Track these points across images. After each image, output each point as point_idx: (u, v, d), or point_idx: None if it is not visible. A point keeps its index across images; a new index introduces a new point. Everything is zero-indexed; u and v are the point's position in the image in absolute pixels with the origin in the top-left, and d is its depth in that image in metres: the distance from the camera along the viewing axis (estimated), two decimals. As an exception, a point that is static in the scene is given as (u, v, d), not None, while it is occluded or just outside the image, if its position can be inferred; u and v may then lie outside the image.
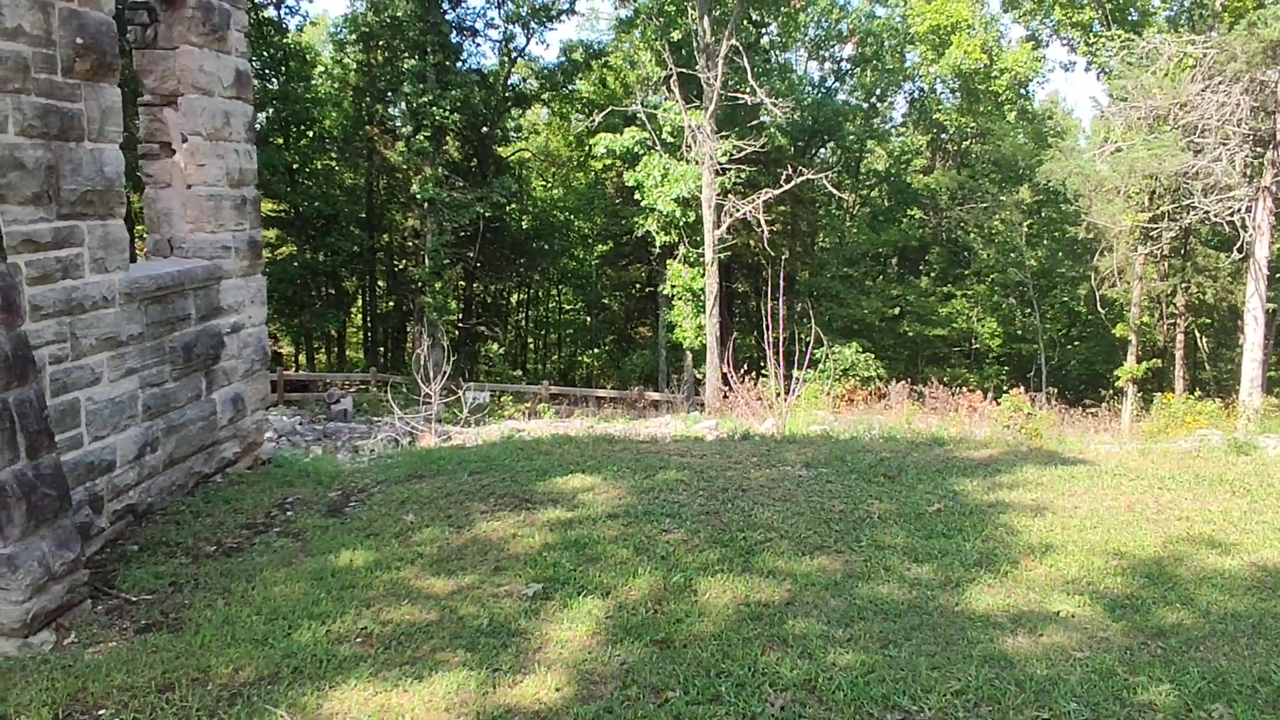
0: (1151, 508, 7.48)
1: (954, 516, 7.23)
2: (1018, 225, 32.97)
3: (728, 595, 5.91)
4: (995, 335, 36.23)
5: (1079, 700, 4.62)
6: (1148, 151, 24.14)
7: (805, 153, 38.29)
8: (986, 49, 33.71)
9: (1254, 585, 6.04)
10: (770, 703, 4.64)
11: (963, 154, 37.79)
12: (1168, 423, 24.34)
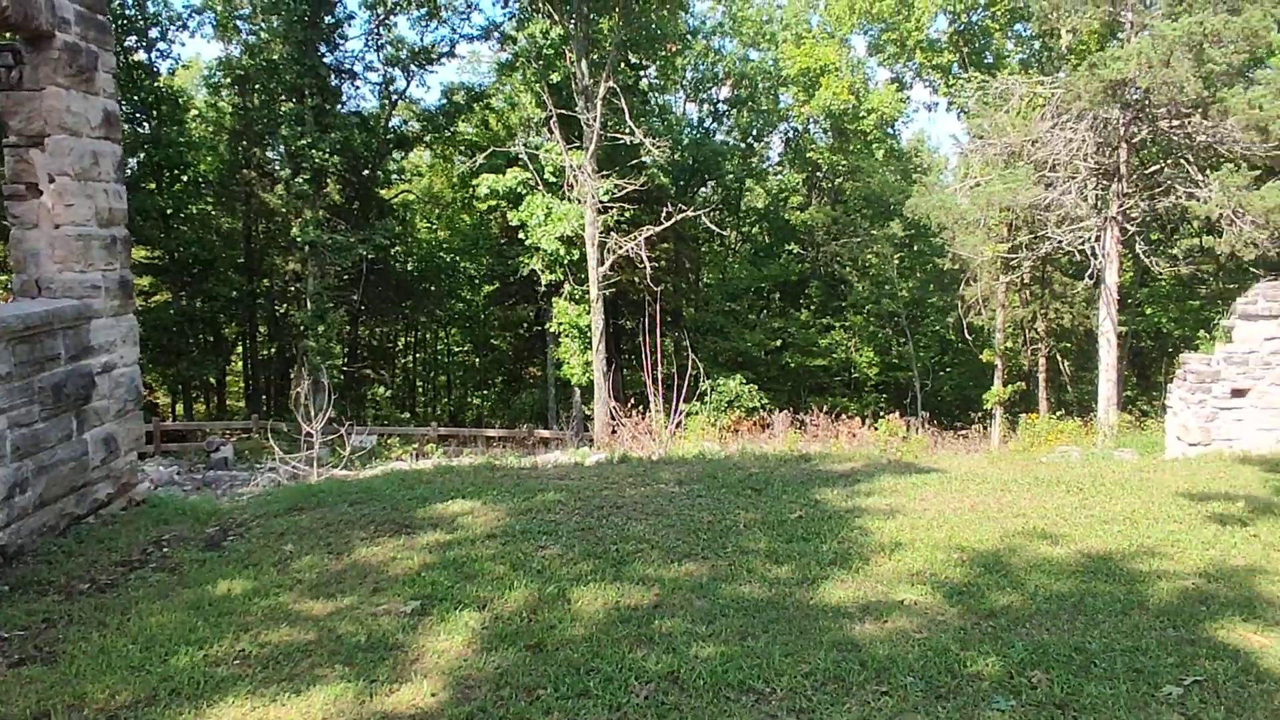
0: (993, 507, 8.07)
1: (814, 522, 7.69)
2: (890, 258, 34.36)
3: (599, 602, 6.21)
4: (873, 364, 37.53)
5: (915, 675, 5.05)
6: (1004, 186, 25.52)
7: (686, 191, 39.25)
8: (854, 90, 35.22)
9: (1078, 570, 6.61)
10: (636, 693, 4.94)
11: (836, 191, 39.24)
12: (1032, 441, 25.67)
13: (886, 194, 33.19)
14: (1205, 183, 24.20)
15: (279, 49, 29.82)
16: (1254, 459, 11.33)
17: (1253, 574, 6.51)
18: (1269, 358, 19.25)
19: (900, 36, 34.71)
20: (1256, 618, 5.76)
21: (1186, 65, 23.08)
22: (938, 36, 35.58)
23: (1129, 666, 5.12)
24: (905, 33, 34.11)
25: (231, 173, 35.59)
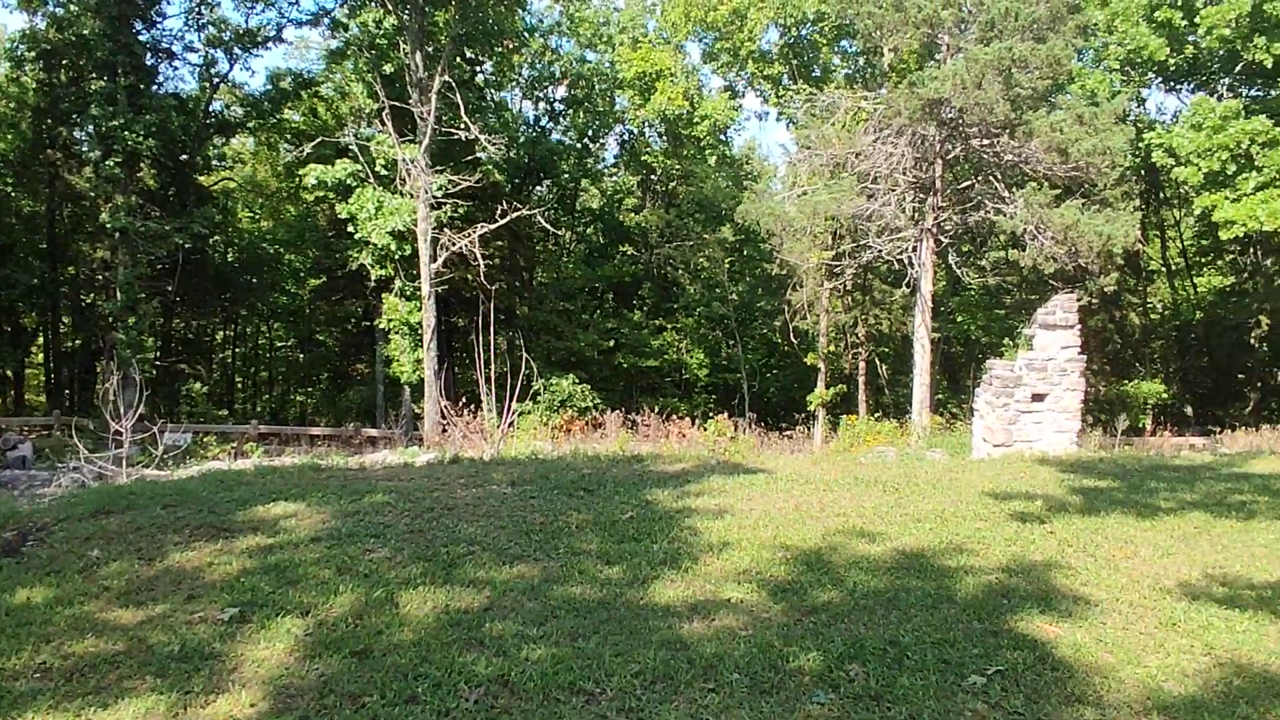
0: (816, 507, 8.38)
1: (645, 522, 7.79)
2: (721, 262, 35.13)
3: (429, 605, 6.12)
4: (703, 365, 38.30)
5: (741, 671, 5.19)
6: (828, 195, 26.49)
7: (522, 189, 39.07)
8: (688, 96, 35.84)
9: (894, 566, 6.94)
10: (465, 698, 4.89)
11: (670, 194, 39.83)
12: (852, 442, 26.72)
13: (718, 199, 33.92)
14: (1011, 199, 25.75)
15: (90, 23, 28.01)
16: (1051, 460, 12.13)
17: (1050, 569, 6.97)
18: (1065, 365, 20.67)
19: (733, 46, 35.52)
20: (1052, 610, 6.18)
21: (996, 88, 24.51)
22: (769, 48, 36.59)
23: (938, 658, 5.40)
24: (738, 43, 34.94)
25: (34, 153, 33.23)
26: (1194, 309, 37.45)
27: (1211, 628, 5.98)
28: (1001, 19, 25.91)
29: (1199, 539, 7.74)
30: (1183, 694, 5.08)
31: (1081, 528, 7.95)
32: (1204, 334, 37.30)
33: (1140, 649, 5.64)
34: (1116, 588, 6.62)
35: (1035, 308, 21.11)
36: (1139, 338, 36.33)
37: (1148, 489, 9.53)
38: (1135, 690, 5.10)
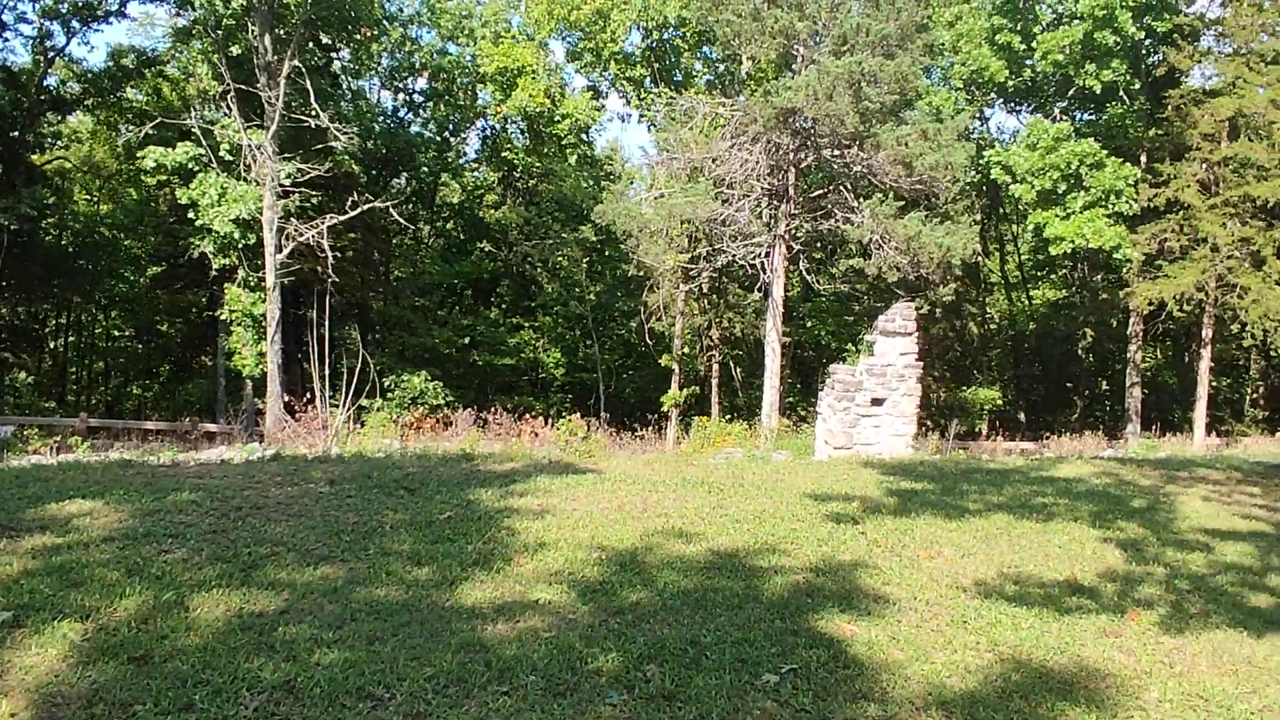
0: (639, 507, 8.41)
1: (463, 522, 7.67)
2: (579, 262, 35.10)
3: (221, 609, 5.86)
4: (560, 365, 38.19)
5: (538, 673, 5.13)
6: (685, 199, 26.76)
7: (379, 181, 38.21)
8: (550, 94, 35.66)
9: (706, 566, 7.01)
10: (245, 705, 4.69)
11: (531, 192, 39.58)
12: (703, 442, 27.05)
13: (578, 198, 33.86)
14: (859, 209, 26.54)
15: (-95, -15, 26.12)
16: (876, 462, 12.48)
17: (856, 568, 7.16)
18: (904, 370, 21.37)
19: (596, 46, 35.54)
20: (853, 609, 6.34)
21: (846, 100, 25.19)
22: (632, 50, 36.74)
23: (736, 657, 5.46)
24: (601, 43, 34.97)
25: None
26: (1028, 320, 39.35)
27: (999, 625, 6.23)
28: (853, 34, 26.64)
29: (999, 539, 8.07)
30: (963, 689, 5.26)
31: (892, 528, 8.19)
32: (1037, 344, 39.23)
33: (930, 646, 5.83)
34: (916, 587, 6.84)
35: (880, 315, 21.79)
36: (977, 346, 37.97)
37: (960, 491, 9.91)
38: (919, 686, 5.26)
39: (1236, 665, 5.85)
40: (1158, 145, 30.45)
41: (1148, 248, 29.14)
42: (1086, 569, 7.45)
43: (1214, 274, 28.59)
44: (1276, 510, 9.72)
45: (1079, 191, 27.70)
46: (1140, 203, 28.86)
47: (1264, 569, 7.75)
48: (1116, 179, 27.41)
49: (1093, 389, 38.68)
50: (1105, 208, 27.74)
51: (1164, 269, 29.08)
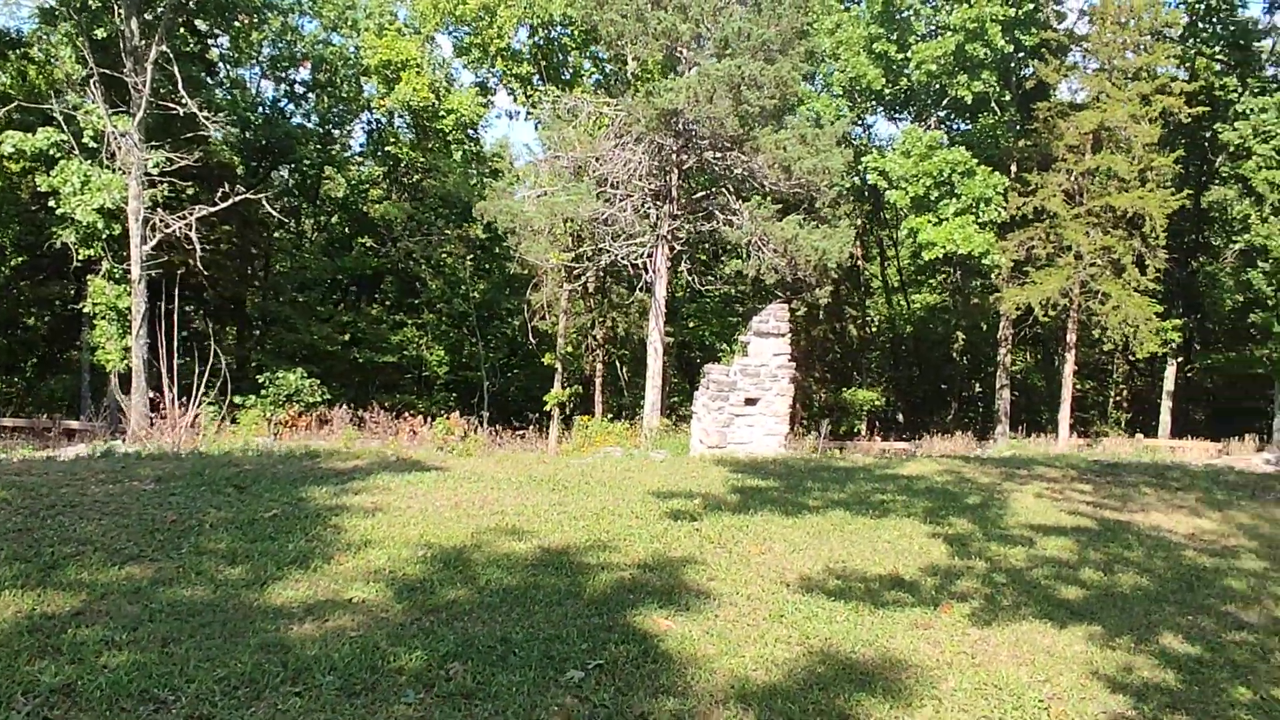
0: (477, 504, 8.33)
1: (289, 520, 7.49)
2: (463, 259, 34.73)
3: (11, 610, 5.60)
4: (443, 363, 37.72)
5: (336, 673, 5.02)
6: (567, 198, 26.70)
7: (258, 172, 37.17)
8: (435, 89, 35.20)
9: (534, 563, 6.97)
10: (18, 710, 4.48)
11: (416, 187, 39.00)
12: (584, 441, 27.03)
13: (463, 195, 33.51)
14: (739, 211, 26.85)
15: None
16: (730, 460, 12.62)
17: (685, 564, 7.21)
18: (777, 371, 21.67)
19: (483, 42, 35.20)
20: (673, 604, 6.37)
21: (727, 103, 25.45)
22: (520, 47, 36.51)
23: (544, 654, 5.43)
24: (487, 39, 34.65)
25: None
26: (906, 323, 40.37)
27: (815, 618, 6.34)
28: (735, 38, 26.92)
29: (832, 535, 8.23)
30: (767, 682, 5.33)
31: (729, 524, 8.28)
32: (915, 347, 40.29)
33: (743, 640, 5.89)
34: (741, 582, 6.92)
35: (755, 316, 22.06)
36: (857, 348, 38.80)
37: (804, 489, 10.08)
38: (724, 680, 5.31)
39: (1035, 655, 6.06)
40: (1027, 155, 31.56)
41: (1016, 254, 30.17)
42: (910, 564, 7.64)
43: (1078, 280, 29.76)
44: (1102, 506, 10.14)
45: (951, 198, 28.51)
46: (1010, 211, 29.88)
47: (1079, 562, 8.06)
48: (986, 187, 28.31)
49: (967, 391, 39.89)
50: (975, 215, 28.62)
51: (1031, 275, 30.16)
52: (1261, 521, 10.09)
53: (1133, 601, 7.23)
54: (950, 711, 5.19)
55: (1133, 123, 29.07)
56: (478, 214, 27.66)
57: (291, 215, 38.74)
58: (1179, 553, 8.63)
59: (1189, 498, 10.90)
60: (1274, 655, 6.46)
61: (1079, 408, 40.86)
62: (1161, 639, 6.53)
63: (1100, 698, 5.54)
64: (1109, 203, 29.18)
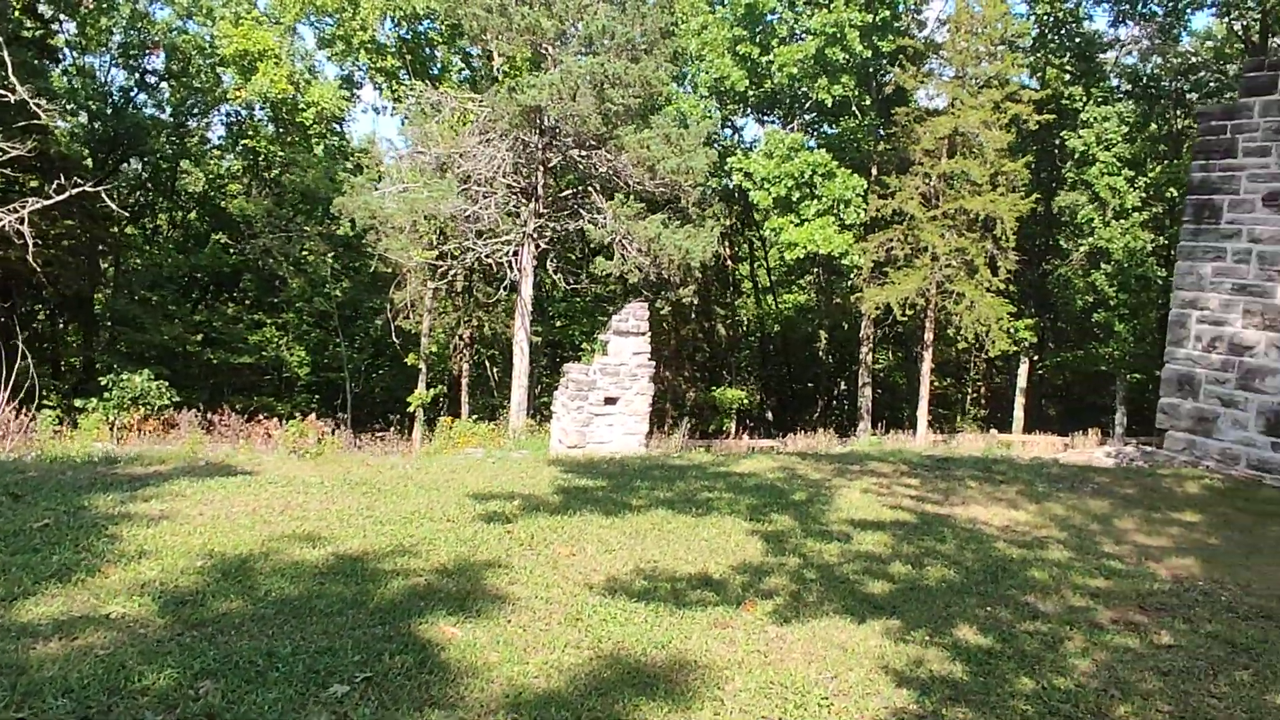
0: (277, 510, 7.94)
1: (61, 530, 6.99)
2: (325, 256, 33.79)
3: None
4: (304, 364, 36.64)
5: (71, 696, 4.63)
6: (428, 194, 26.18)
7: (107, 164, 35.50)
8: (294, 81, 34.15)
9: (324, 572, 6.64)
10: None
11: (277, 183, 37.80)
12: (447, 443, 26.55)
13: (323, 190, 32.59)
14: (604, 210, 26.75)
15: None
16: (565, 460, 12.45)
17: (488, 568, 6.97)
18: (637, 370, 21.60)
19: (347, 34, 34.33)
20: (464, 610, 6.13)
21: (590, 101, 25.32)
22: (387, 41, 35.71)
23: (310, 668, 5.13)
24: (350, 31, 33.80)
25: None
26: (774, 323, 40.94)
27: (611, 621, 6.18)
28: (599, 35, 26.83)
29: (649, 535, 8.10)
30: (546, 689, 5.14)
31: (544, 526, 8.09)
32: (783, 346, 40.88)
33: (532, 646, 5.69)
34: (543, 585, 6.72)
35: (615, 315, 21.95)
36: (726, 347, 39.17)
37: (631, 488, 9.96)
38: (500, 689, 5.10)
39: (829, 651, 6.02)
40: (886, 159, 32.33)
41: (876, 255, 30.85)
42: (723, 562, 7.56)
43: (934, 281, 30.57)
44: (925, 500, 10.29)
45: (812, 200, 28.97)
46: (870, 212, 30.54)
47: (892, 556, 8.11)
48: (846, 189, 28.86)
49: (834, 389, 40.65)
50: (836, 216, 29.14)
51: (890, 275, 30.86)
52: (1074, 513, 10.39)
53: (936, 594, 7.30)
54: (731, 713, 5.09)
55: (985, 129, 29.99)
56: (335, 210, 26.94)
57: (145, 210, 37.16)
58: (991, 545, 8.78)
59: (1010, 491, 11.16)
60: (1064, 644, 6.58)
61: (940, 404, 42.13)
62: (957, 631, 6.58)
63: (885, 693, 5.52)
64: (963, 205, 30.05)
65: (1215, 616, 7.50)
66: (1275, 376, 12.67)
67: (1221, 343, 13.34)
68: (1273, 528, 10.77)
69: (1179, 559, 9.07)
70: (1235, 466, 13.09)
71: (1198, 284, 13.64)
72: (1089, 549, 9.07)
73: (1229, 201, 13.22)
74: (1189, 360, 13.82)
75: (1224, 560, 9.22)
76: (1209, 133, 13.55)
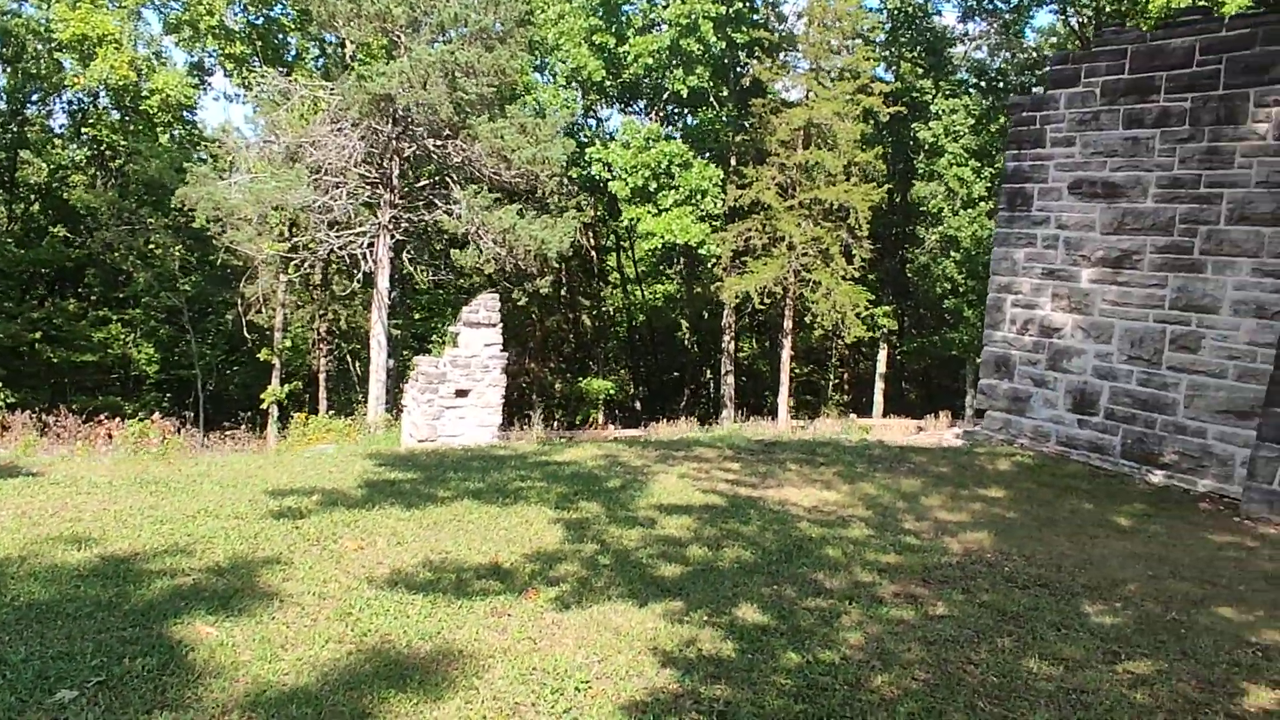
0: (49, 512, 7.59)
1: None
2: (172, 249, 32.54)
3: None
4: (153, 361, 35.24)
5: None
6: (274, 184, 25.43)
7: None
8: (137, 67, 32.74)
9: (84, 574, 6.36)
10: None
11: (122, 173, 36.21)
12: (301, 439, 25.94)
13: (172, 182, 31.32)
14: (459, 201, 26.42)
15: None
16: (383, 454, 12.29)
17: (265, 565, 6.79)
18: (489, 361, 21.42)
19: (194, 19, 33.07)
20: (227, 609, 5.95)
21: (441, 89, 24.97)
22: (238, 26, 34.54)
23: (40, 674, 4.91)
24: (197, 15, 32.57)
25: None
26: (640, 313, 41.16)
27: (383, 614, 6.08)
28: (451, 23, 26.50)
29: (448, 526, 8.02)
30: (294, 686, 5.02)
31: (338, 521, 7.92)
32: (650, 336, 41.13)
33: (291, 643, 5.56)
34: (320, 581, 6.58)
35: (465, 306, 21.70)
36: (592, 338, 39.20)
37: (442, 480, 9.84)
38: (245, 688, 4.96)
39: (603, 635, 6.04)
40: (744, 149, 32.77)
41: (735, 245, 31.28)
42: (517, 551, 7.53)
43: (792, 270, 31.16)
44: (740, 484, 10.46)
45: (669, 190, 29.17)
46: (729, 202, 30.92)
47: (692, 540, 8.21)
48: (702, 179, 29.15)
49: (701, 377, 41.09)
50: (694, 206, 29.41)
51: (749, 265, 31.34)
52: (885, 492, 10.70)
53: (726, 576, 7.40)
54: (484, 700, 5.05)
55: (839, 120, 30.67)
56: (178, 201, 25.94)
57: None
58: (794, 525, 8.96)
59: (829, 472, 11.43)
60: (839, 619, 6.74)
61: (807, 391, 43.04)
62: (738, 610, 6.68)
63: (649, 674, 5.56)
64: (818, 195, 30.69)
65: (994, 587, 7.80)
66: (1081, 357, 13.28)
67: (1033, 325, 13.92)
68: (1070, 501, 11.30)
69: (974, 533, 9.41)
70: (1046, 444, 13.69)
71: (1012, 269, 14.21)
72: (890, 526, 9.35)
73: (1039, 190, 13.79)
74: (1005, 342, 14.39)
75: (1017, 533, 9.62)
76: (1020, 123, 14.11)
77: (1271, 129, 11.29)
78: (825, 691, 5.58)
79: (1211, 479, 11.84)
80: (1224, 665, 6.60)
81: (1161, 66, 12.36)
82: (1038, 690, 5.88)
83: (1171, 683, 6.22)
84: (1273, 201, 11.26)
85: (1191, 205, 12.03)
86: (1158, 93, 12.39)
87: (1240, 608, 7.90)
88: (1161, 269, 12.32)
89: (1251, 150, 11.46)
